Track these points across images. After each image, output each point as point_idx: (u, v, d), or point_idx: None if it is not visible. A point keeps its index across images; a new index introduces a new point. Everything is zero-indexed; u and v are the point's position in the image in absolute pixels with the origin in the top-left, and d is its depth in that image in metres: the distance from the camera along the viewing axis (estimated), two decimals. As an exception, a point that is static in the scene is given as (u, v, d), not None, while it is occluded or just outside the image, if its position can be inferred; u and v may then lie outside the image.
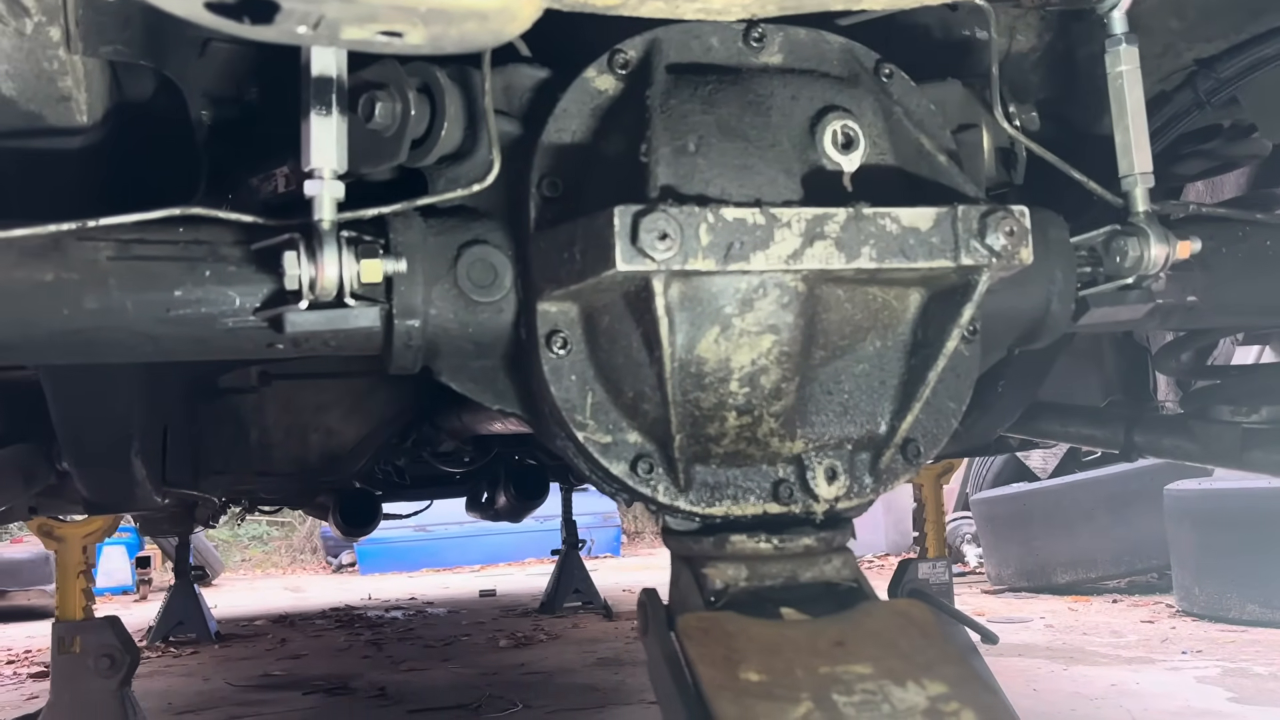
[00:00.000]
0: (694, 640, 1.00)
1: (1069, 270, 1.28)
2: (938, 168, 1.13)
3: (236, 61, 1.27)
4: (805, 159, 1.06)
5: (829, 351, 1.08)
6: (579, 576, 6.50)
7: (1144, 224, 1.22)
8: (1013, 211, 1.02)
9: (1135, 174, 1.23)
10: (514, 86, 1.13)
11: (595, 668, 4.33)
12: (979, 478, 7.10)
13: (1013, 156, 1.36)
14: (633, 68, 1.09)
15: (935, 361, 1.08)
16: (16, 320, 0.99)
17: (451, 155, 1.10)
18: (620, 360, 1.05)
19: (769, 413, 1.06)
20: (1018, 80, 1.48)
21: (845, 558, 1.10)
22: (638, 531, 13.20)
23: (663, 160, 1.01)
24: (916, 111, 1.17)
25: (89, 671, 2.61)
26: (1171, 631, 4.52)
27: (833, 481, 1.10)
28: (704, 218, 0.94)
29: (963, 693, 0.94)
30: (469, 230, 1.09)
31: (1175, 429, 1.89)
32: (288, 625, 6.65)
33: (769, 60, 1.12)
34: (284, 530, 13.57)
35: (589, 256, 0.97)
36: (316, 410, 2.46)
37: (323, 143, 0.97)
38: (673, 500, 1.08)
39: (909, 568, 3.28)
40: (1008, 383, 1.93)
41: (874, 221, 0.99)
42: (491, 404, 1.15)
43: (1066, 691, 3.39)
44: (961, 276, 1.04)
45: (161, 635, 5.91)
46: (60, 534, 2.94)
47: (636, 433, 1.08)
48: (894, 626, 1.03)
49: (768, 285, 1.00)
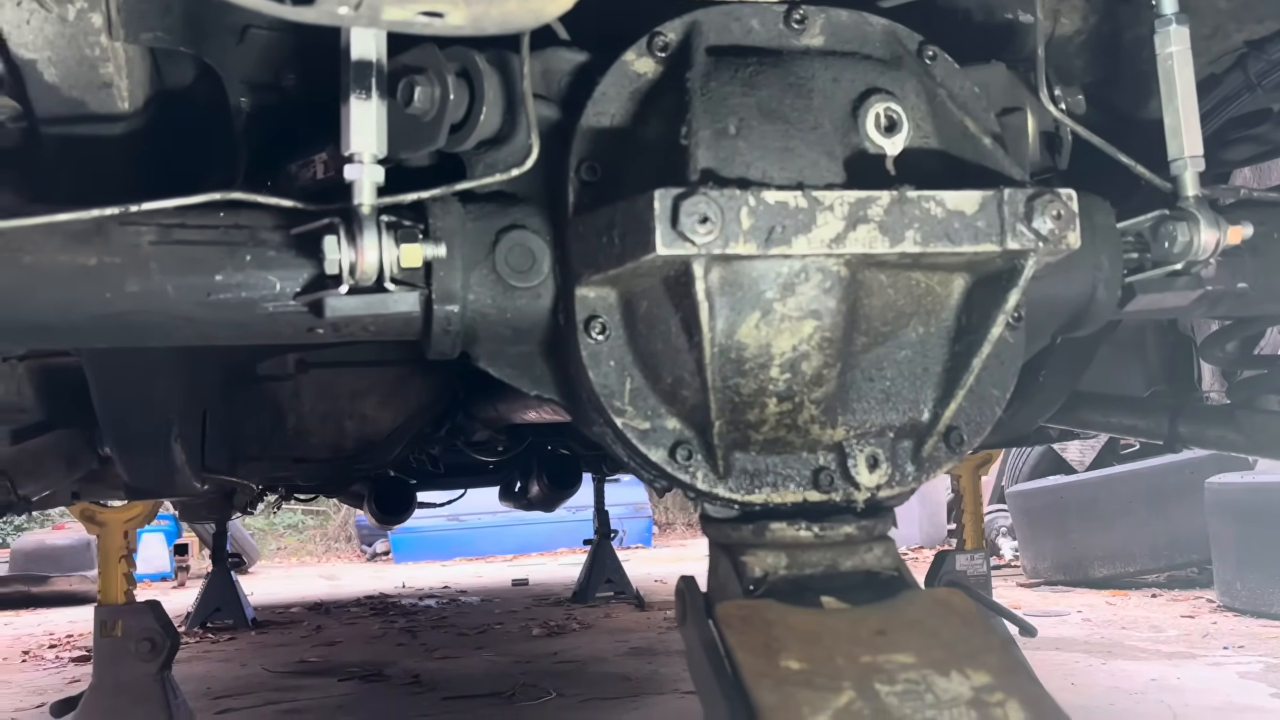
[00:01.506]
0: (733, 628, 0.99)
1: (1115, 256, 1.25)
2: (982, 151, 1.11)
3: (275, 48, 1.27)
4: (847, 142, 1.05)
5: (871, 337, 1.07)
6: (611, 566, 6.51)
7: (1194, 208, 1.20)
8: (1060, 195, 1.00)
9: (1185, 157, 1.20)
10: (552, 70, 1.12)
11: (628, 657, 4.34)
12: (1015, 470, 7.03)
13: (1057, 141, 1.34)
14: (672, 50, 1.08)
15: (979, 348, 1.06)
16: (60, 303, 1.00)
17: (490, 140, 1.10)
18: (659, 346, 1.04)
19: (810, 399, 1.04)
20: (1062, 64, 1.46)
21: (886, 546, 1.09)
22: (669, 523, 13.21)
23: (703, 143, 1.00)
24: (960, 94, 1.15)
25: (130, 655, 2.64)
26: (1212, 626, 4.46)
27: (874, 469, 1.09)
28: (745, 201, 0.93)
29: (1007, 683, 0.93)
30: (507, 215, 1.09)
31: (1221, 419, 1.86)
32: (323, 613, 6.72)
33: (810, 42, 1.10)
34: (319, 519, 13.70)
35: (628, 240, 0.96)
36: (352, 397, 2.47)
37: (363, 127, 0.97)
38: (711, 487, 1.07)
39: (946, 560, 3.25)
40: (1049, 372, 1.90)
41: (918, 205, 0.98)
42: (529, 390, 1.14)
43: (1105, 686, 3.35)
44: (1007, 261, 1.02)
45: (199, 621, 5.99)
46: (102, 519, 2.98)
47: (675, 419, 1.07)
48: (936, 615, 1.02)
49: (810, 270, 0.99)
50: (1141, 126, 1.42)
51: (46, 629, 6.49)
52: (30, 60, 1.08)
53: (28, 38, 1.05)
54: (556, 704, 3.50)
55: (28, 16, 1.03)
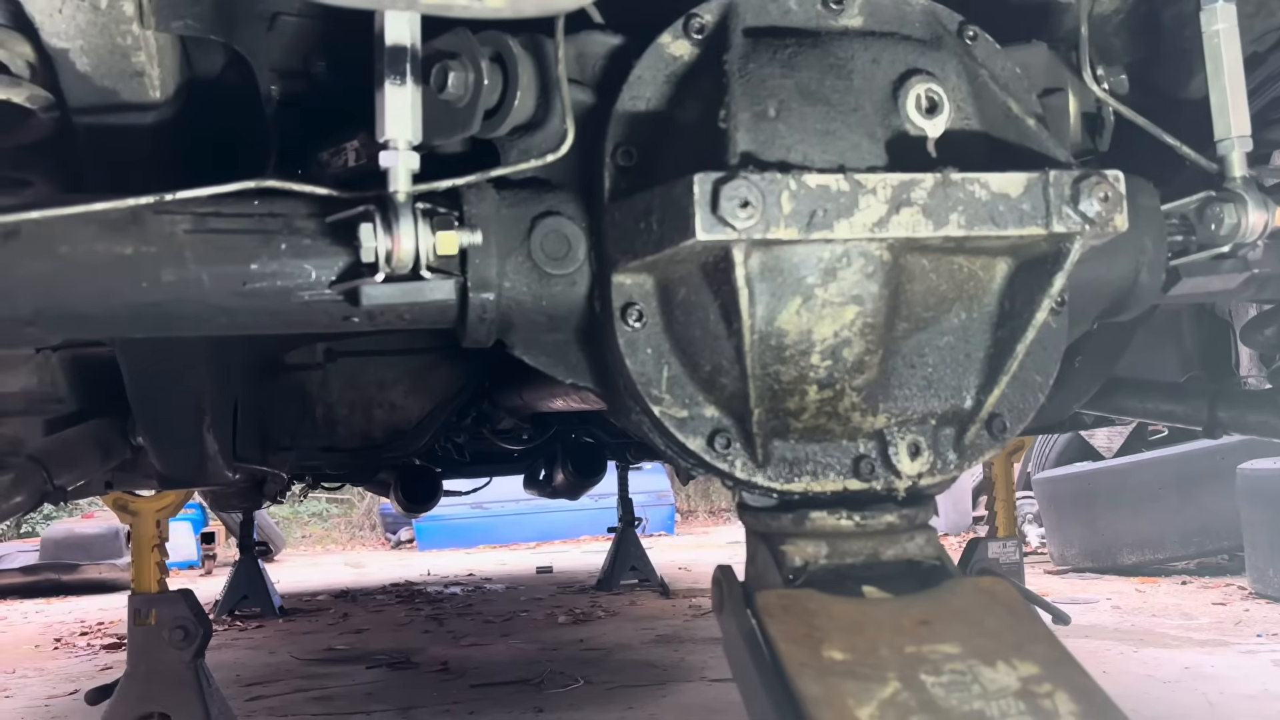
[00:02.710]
0: (774, 618, 0.98)
1: (1160, 239, 1.23)
2: (1025, 132, 1.09)
3: (305, 35, 1.26)
4: (888, 124, 1.03)
5: (913, 323, 1.05)
6: (635, 554, 6.52)
7: (1241, 189, 1.17)
8: (1107, 176, 0.98)
9: (1232, 137, 1.17)
10: (587, 54, 1.11)
11: (654, 645, 4.34)
12: (1041, 457, 6.98)
13: (1099, 122, 1.31)
14: (709, 32, 1.06)
15: (1023, 334, 1.05)
16: (97, 293, 1.00)
17: (524, 125, 1.09)
18: (697, 333, 1.03)
19: (851, 386, 1.03)
20: (1101, 43, 1.43)
21: (928, 535, 1.07)
22: (691, 510, 13.21)
23: (742, 126, 0.99)
24: (1002, 74, 1.13)
25: (164, 643, 2.66)
26: (1245, 614, 4.41)
27: (916, 457, 1.07)
28: (786, 185, 0.92)
29: (1055, 674, 0.91)
30: (542, 202, 1.07)
31: (1262, 404, 1.83)
32: (349, 600, 6.76)
33: (849, 23, 1.08)
34: (343, 507, 13.79)
35: (667, 226, 0.94)
36: (380, 386, 2.47)
37: (398, 113, 0.96)
38: (750, 476, 1.05)
39: (978, 547, 3.22)
40: (1085, 358, 1.88)
41: (962, 188, 0.96)
42: (564, 378, 1.13)
43: (1138, 674, 3.32)
44: (1052, 245, 1.00)
45: (227, 609, 6.04)
46: (135, 508, 3.00)
47: (713, 407, 1.06)
48: (980, 605, 1.00)
49: (851, 254, 0.97)
50: (1183, 106, 1.39)
51: (78, 616, 6.57)
52: (62, 49, 1.07)
53: (60, 26, 1.04)
54: (584, 691, 3.50)
55: (60, 5, 1.02)
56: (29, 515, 11.90)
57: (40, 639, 5.68)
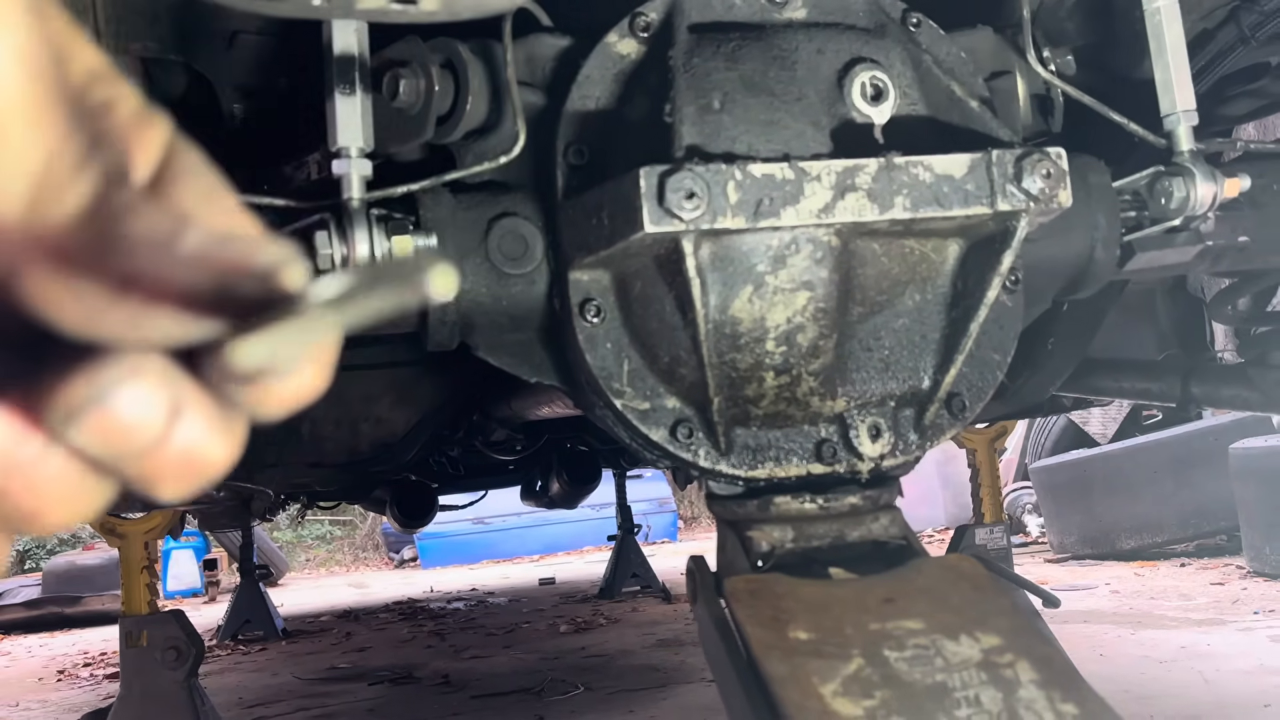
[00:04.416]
0: (742, 602, 0.99)
1: (1112, 215, 1.25)
2: (970, 115, 1.11)
3: (265, 52, 1.28)
4: (834, 112, 1.05)
5: (867, 307, 1.07)
6: (636, 561, 6.52)
7: (1189, 163, 1.19)
8: (1049, 154, 1.00)
9: (1178, 112, 1.19)
10: (536, 56, 1.12)
11: (655, 649, 4.34)
12: (1037, 446, 6.99)
13: (1050, 103, 1.33)
14: (654, 30, 1.08)
15: (976, 312, 1.06)
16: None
17: (477, 129, 1.10)
18: (654, 325, 1.04)
19: (808, 371, 1.04)
20: (1053, 26, 1.45)
21: (893, 515, 1.09)
22: (694, 516, 13.20)
23: (687, 119, 1.00)
24: (947, 59, 1.15)
25: (156, 664, 2.67)
26: (1243, 592, 4.42)
27: (877, 439, 1.09)
28: (731, 175, 0.93)
29: (1017, 643, 0.92)
30: (498, 203, 1.09)
31: (1234, 378, 1.84)
32: (352, 620, 6.75)
33: (793, 15, 1.10)
34: (346, 529, 13.78)
35: (617, 221, 0.96)
36: (365, 400, 2.48)
37: (348, 121, 0.98)
38: (714, 464, 1.07)
39: (966, 533, 3.24)
40: (1057, 339, 1.89)
41: (906, 171, 0.97)
42: (529, 377, 1.15)
43: (1135, 655, 3.33)
44: (999, 223, 1.02)
45: (230, 634, 6.03)
46: (123, 531, 3.01)
47: (675, 398, 1.07)
48: (945, 581, 1.02)
49: (800, 241, 0.99)
50: (1139, 86, 1.41)
51: (81, 648, 6.56)
52: (20, 75, 1.09)
53: (16, 52, 1.06)
54: (585, 697, 3.51)
55: (15, 31, 1.04)
56: (31, 550, 11.88)
57: (44, 672, 5.68)
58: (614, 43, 1.08)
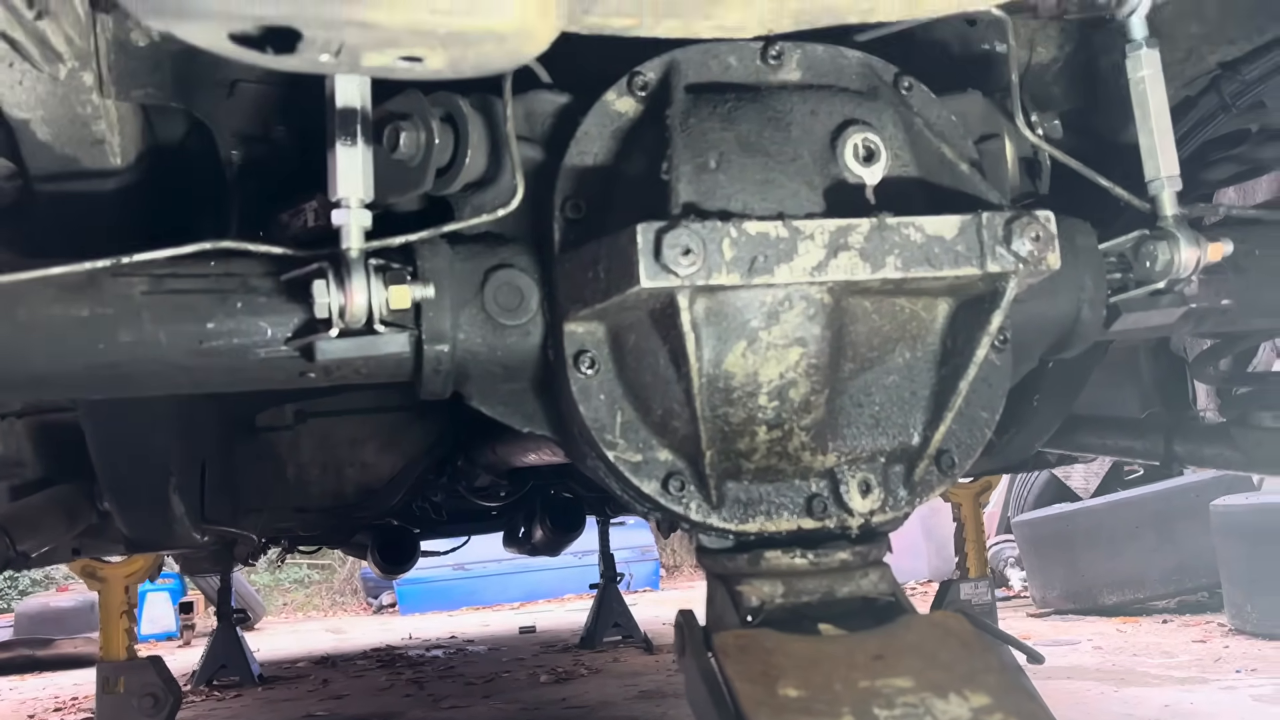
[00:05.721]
0: (731, 658, 0.99)
1: (1099, 277, 1.27)
2: (961, 177, 1.13)
3: (265, 101, 1.30)
4: (827, 172, 1.07)
5: (858, 363, 1.08)
6: (618, 610, 6.46)
7: (1173, 227, 1.21)
8: (1038, 217, 1.02)
9: (1162, 177, 1.22)
10: (535, 112, 1.14)
11: (637, 700, 4.30)
12: (1020, 500, 7.00)
13: (1037, 166, 1.36)
14: (652, 89, 1.10)
15: (966, 371, 1.07)
16: (53, 354, 1.01)
17: (476, 182, 1.12)
18: (648, 378, 1.05)
19: (799, 426, 1.05)
20: (1040, 91, 1.48)
21: (882, 571, 1.09)
22: (676, 565, 13.12)
23: (684, 177, 1.02)
24: (937, 122, 1.17)
25: (134, 711, 2.63)
26: (1225, 650, 4.42)
27: (867, 495, 1.09)
28: (727, 232, 0.95)
29: (1006, 702, 0.93)
30: (495, 255, 1.10)
31: (1216, 437, 1.86)
32: (329, 666, 6.66)
33: (787, 77, 1.12)
34: (324, 573, 13.62)
35: (613, 275, 0.97)
36: (351, 445, 2.48)
37: (349, 173, 0.99)
38: (705, 518, 1.07)
39: (950, 588, 3.24)
40: (1043, 397, 1.91)
41: (898, 231, 0.99)
42: (521, 426, 1.15)
43: (1118, 714, 3.31)
44: (989, 284, 1.04)
45: (205, 679, 5.93)
46: (103, 574, 2.98)
47: (667, 450, 1.08)
48: (934, 638, 1.02)
49: (793, 298, 1.00)
50: (1123, 150, 1.44)
51: (52, 692, 6.43)
52: (23, 120, 1.10)
53: (20, 98, 1.07)
54: (566, 750, 3.46)
55: (20, 77, 1.05)
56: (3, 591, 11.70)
57: (14, 716, 5.57)
58: (612, 101, 1.10)
